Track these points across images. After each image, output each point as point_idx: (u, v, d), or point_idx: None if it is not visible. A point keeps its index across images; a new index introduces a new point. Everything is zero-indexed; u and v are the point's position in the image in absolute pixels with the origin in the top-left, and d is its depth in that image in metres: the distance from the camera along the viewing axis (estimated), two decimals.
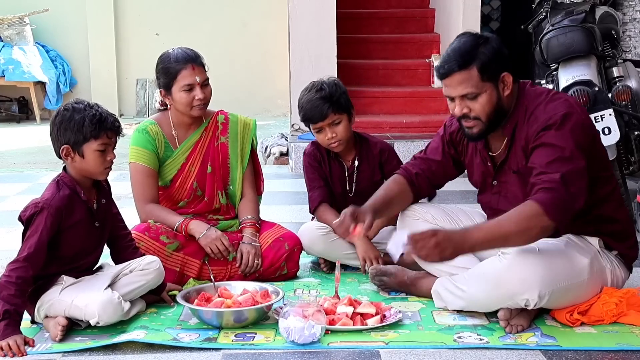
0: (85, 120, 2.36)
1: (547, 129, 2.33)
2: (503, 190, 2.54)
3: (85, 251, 2.47)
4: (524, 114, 2.43)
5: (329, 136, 2.99)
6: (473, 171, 2.65)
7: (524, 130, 2.41)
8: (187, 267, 2.86)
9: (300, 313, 2.30)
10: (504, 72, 2.40)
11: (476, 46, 2.38)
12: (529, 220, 2.24)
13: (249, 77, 9.55)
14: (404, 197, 2.74)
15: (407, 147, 5.55)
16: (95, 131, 2.37)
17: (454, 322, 2.47)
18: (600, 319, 2.40)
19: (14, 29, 9.00)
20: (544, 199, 2.24)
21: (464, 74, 2.37)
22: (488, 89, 2.39)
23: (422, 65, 6.68)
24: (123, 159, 2.92)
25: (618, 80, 4.13)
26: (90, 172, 2.44)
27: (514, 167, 2.47)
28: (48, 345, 2.32)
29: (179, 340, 2.33)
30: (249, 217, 3.02)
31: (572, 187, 2.26)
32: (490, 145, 2.56)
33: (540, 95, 2.44)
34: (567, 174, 2.26)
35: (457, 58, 2.37)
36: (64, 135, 2.38)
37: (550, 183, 2.25)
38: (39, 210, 2.35)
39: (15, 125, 8.93)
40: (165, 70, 2.90)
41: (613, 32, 4.39)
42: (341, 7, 6.22)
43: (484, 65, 2.36)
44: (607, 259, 2.48)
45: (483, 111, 2.40)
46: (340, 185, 3.11)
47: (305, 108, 3.01)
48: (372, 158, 3.12)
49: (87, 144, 2.37)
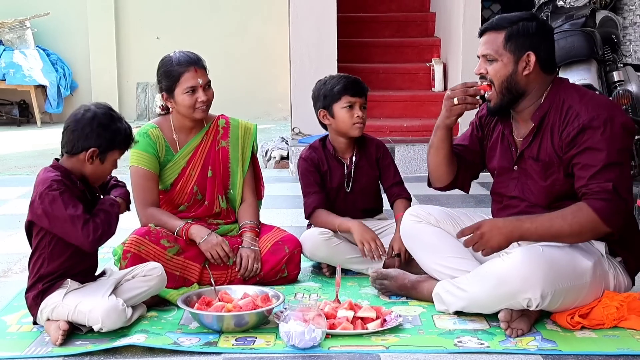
0: (120, 132, 2.44)
1: (591, 130, 2.36)
2: (522, 176, 2.56)
3: None
4: (558, 105, 2.46)
5: (359, 114, 3.02)
6: (494, 155, 2.67)
7: (557, 121, 2.44)
8: (188, 271, 2.86)
9: (300, 317, 2.30)
10: (530, 51, 2.45)
11: (518, 19, 2.48)
12: (584, 225, 2.34)
13: (250, 80, 9.56)
14: (454, 159, 2.73)
15: (407, 151, 5.55)
16: (124, 144, 2.47)
17: (454, 326, 2.46)
18: (601, 323, 2.40)
19: (14, 32, 9.01)
20: (600, 207, 2.32)
21: (492, 35, 2.49)
22: (506, 59, 2.46)
23: (422, 69, 6.69)
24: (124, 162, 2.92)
25: (618, 85, 4.14)
26: (98, 177, 2.50)
27: (535, 154, 2.50)
28: (48, 349, 2.32)
29: (180, 344, 2.33)
30: (248, 222, 3.02)
31: (623, 192, 2.34)
32: (516, 131, 2.59)
33: (579, 91, 2.50)
34: (616, 180, 2.34)
35: (497, 20, 2.51)
36: (97, 139, 2.41)
37: (605, 194, 2.33)
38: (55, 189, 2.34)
39: (16, 129, 8.94)
40: (167, 73, 2.91)
41: (613, 37, 4.40)
42: (342, 11, 6.23)
43: (510, 35, 2.46)
44: (610, 264, 2.49)
45: (495, 77, 2.48)
46: (340, 183, 3.13)
47: (343, 81, 3.04)
48: (369, 154, 3.16)
49: (111, 153, 2.44)
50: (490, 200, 2.76)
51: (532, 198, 2.54)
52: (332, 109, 3.05)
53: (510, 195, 2.60)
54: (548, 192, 2.49)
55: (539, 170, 2.50)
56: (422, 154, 5.63)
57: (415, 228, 2.74)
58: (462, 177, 2.77)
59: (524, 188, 2.56)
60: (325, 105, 3.06)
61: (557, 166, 2.46)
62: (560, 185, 2.47)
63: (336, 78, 3.08)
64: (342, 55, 6.07)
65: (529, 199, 2.55)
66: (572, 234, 2.36)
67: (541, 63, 2.47)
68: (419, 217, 2.75)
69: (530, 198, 2.54)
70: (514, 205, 2.59)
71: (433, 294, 2.60)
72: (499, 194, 2.67)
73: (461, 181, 2.79)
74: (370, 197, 3.20)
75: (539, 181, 2.50)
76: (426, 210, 2.78)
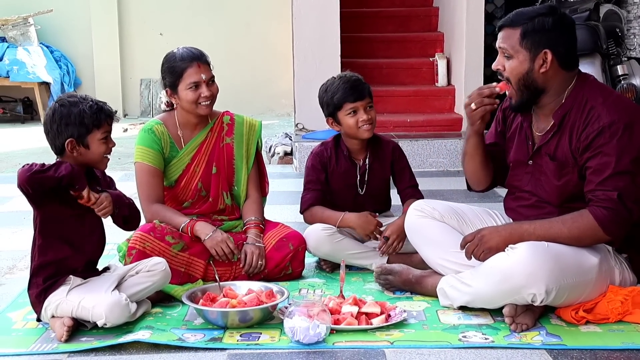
0: (85, 111, 2.40)
1: (609, 133, 2.32)
2: (536, 172, 2.55)
3: (82, 238, 2.47)
4: (581, 104, 2.42)
5: (364, 117, 2.99)
6: (512, 147, 2.65)
7: (578, 121, 2.41)
8: (192, 267, 2.87)
9: (305, 313, 2.30)
10: (547, 49, 2.40)
11: (535, 14, 2.43)
12: (583, 231, 2.34)
13: (253, 76, 9.56)
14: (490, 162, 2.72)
15: (411, 146, 5.55)
16: (96, 121, 2.41)
17: (458, 321, 2.46)
18: (606, 317, 2.40)
19: (18, 29, 9.01)
20: (601, 215, 2.31)
21: (509, 31, 2.44)
22: (522, 56, 2.42)
23: (426, 64, 6.68)
24: (128, 159, 2.93)
25: (622, 78, 4.13)
26: (94, 161, 2.46)
27: (552, 152, 2.47)
28: (54, 346, 2.32)
29: (184, 340, 2.34)
30: (253, 218, 3.02)
31: (628, 202, 2.32)
32: (535, 125, 2.56)
33: (605, 91, 2.45)
34: (624, 189, 2.31)
35: (513, 16, 2.46)
36: (66, 130, 2.40)
37: (609, 202, 2.31)
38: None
39: (20, 126, 8.95)
40: (171, 69, 2.91)
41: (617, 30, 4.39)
42: (345, 6, 6.22)
43: (526, 32, 2.41)
44: (617, 260, 2.48)
45: (512, 74, 2.45)
46: (352, 184, 3.11)
47: (342, 88, 3.00)
48: (383, 156, 3.12)
49: (91, 134, 2.41)
50: (494, 193, 2.75)
51: (544, 195, 2.52)
52: (337, 116, 3.04)
53: (524, 189, 2.59)
54: (561, 192, 2.47)
55: (553, 168, 2.47)
56: (425, 149, 5.63)
57: (419, 223, 2.74)
58: (499, 177, 2.76)
59: (537, 184, 2.54)
60: (330, 114, 3.05)
61: (572, 167, 2.43)
62: (574, 186, 2.44)
63: (336, 84, 3.03)
64: (345, 50, 6.07)
65: (541, 195, 2.53)
66: (571, 238, 2.35)
67: (560, 60, 2.42)
68: (424, 212, 2.75)
69: (542, 195, 2.53)
70: (526, 197, 2.58)
71: (437, 289, 2.60)
72: (512, 186, 2.66)
73: (500, 181, 2.78)
74: (380, 198, 3.19)
75: (553, 180, 2.48)
76: (430, 205, 2.77)
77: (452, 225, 2.71)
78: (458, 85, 6.33)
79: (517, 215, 2.60)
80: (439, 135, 5.90)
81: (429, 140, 5.67)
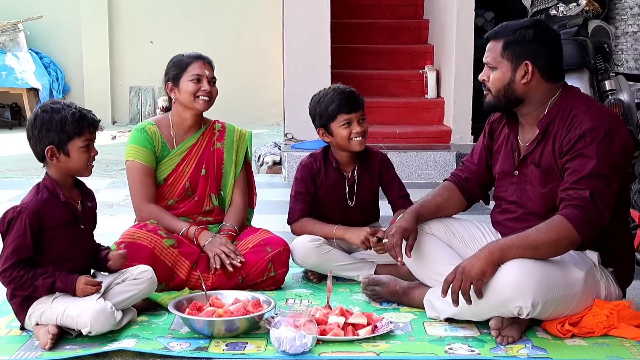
0: (67, 119, 2.38)
1: (590, 137, 2.34)
2: (522, 181, 2.56)
3: (71, 253, 2.45)
4: (565, 112, 2.44)
5: (358, 130, 2.99)
6: (498, 158, 2.66)
7: (561, 130, 2.42)
8: (178, 265, 2.86)
9: (291, 323, 2.29)
10: (527, 60, 2.43)
11: (518, 27, 2.46)
12: (559, 232, 2.32)
13: (243, 86, 9.56)
14: (455, 202, 2.76)
15: (400, 158, 5.57)
16: (78, 128, 2.39)
17: (445, 333, 2.46)
18: (591, 331, 2.41)
19: (7, 35, 8.99)
20: (572, 215, 2.31)
21: (493, 43, 2.49)
22: (504, 67, 2.46)
23: (415, 76, 6.72)
24: (116, 166, 2.93)
25: (610, 94, 4.16)
26: (75, 170, 2.44)
27: (537, 160, 2.49)
28: (38, 353, 2.31)
29: (170, 349, 2.33)
30: (228, 225, 3.04)
31: (600, 203, 2.32)
32: (521, 135, 2.58)
33: (588, 101, 2.48)
34: (598, 191, 2.32)
35: (498, 28, 2.50)
36: (47, 137, 2.38)
37: (580, 201, 2.31)
38: (17, 214, 2.34)
39: (8, 132, 8.91)
40: (177, 62, 3.03)
41: (605, 46, 4.42)
42: (336, 17, 6.24)
43: (508, 43, 2.45)
44: (602, 274, 2.48)
45: (493, 85, 2.49)
46: (341, 196, 3.10)
47: (337, 99, 2.99)
48: (372, 168, 3.12)
49: (71, 142, 2.39)
50: (482, 205, 2.76)
51: (529, 205, 2.53)
52: (329, 127, 3.03)
53: (510, 200, 2.60)
54: (546, 200, 2.48)
55: (538, 176, 2.49)
56: (414, 160, 5.65)
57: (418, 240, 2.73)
58: (477, 198, 2.80)
59: (522, 194, 2.55)
60: (322, 124, 3.04)
61: (557, 174, 2.45)
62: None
63: (330, 95, 3.02)
64: (335, 61, 6.09)
65: (526, 205, 2.54)
66: (549, 243, 2.32)
67: (542, 71, 2.44)
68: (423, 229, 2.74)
69: (527, 204, 2.54)
70: (512, 210, 2.59)
71: (424, 300, 2.61)
72: (499, 198, 2.67)
73: (478, 200, 2.81)
74: (369, 209, 3.18)
75: (538, 187, 2.49)
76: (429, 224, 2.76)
77: (441, 237, 2.71)
78: (447, 98, 6.37)
79: (504, 229, 2.61)
80: (428, 147, 5.92)
81: (418, 152, 5.68)
